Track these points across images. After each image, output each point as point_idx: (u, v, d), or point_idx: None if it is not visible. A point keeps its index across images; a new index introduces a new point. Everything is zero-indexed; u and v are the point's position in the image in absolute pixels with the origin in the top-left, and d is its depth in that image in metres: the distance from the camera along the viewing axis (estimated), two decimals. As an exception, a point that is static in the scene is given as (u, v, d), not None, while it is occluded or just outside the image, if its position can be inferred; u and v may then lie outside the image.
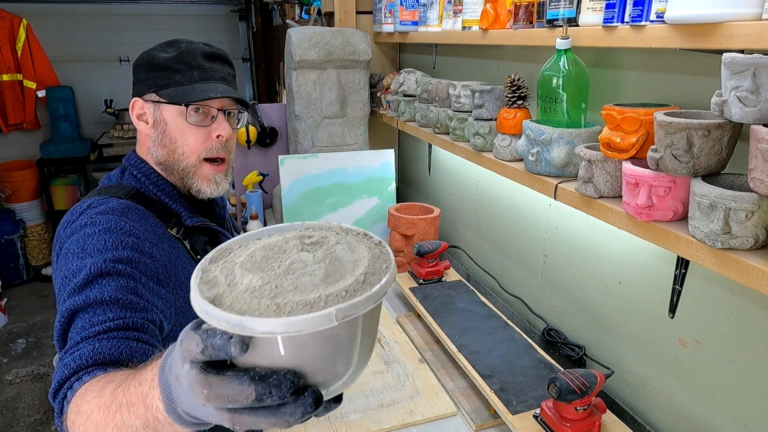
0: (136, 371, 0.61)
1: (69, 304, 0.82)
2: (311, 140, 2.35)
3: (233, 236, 0.98)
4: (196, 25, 5.17)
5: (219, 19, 5.26)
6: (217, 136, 1.01)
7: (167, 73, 0.98)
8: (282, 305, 0.42)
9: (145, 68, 1.00)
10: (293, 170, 2.15)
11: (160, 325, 0.87)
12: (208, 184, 1.03)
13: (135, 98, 1.02)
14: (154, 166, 1.03)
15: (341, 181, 2.20)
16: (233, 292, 0.45)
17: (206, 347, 0.44)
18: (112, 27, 4.86)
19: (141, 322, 0.81)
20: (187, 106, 0.97)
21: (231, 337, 0.43)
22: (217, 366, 0.45)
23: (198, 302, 0.44)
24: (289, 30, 2.27)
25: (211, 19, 5.23)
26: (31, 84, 4.55)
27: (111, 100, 4.69)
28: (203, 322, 0.45)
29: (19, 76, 4.52)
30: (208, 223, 1.04)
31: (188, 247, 0.98)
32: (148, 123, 1.02)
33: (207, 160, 1.02)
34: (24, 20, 4.43)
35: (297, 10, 3.21)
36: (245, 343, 0.43)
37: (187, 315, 0.95)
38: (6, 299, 3.96)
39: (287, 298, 0.43)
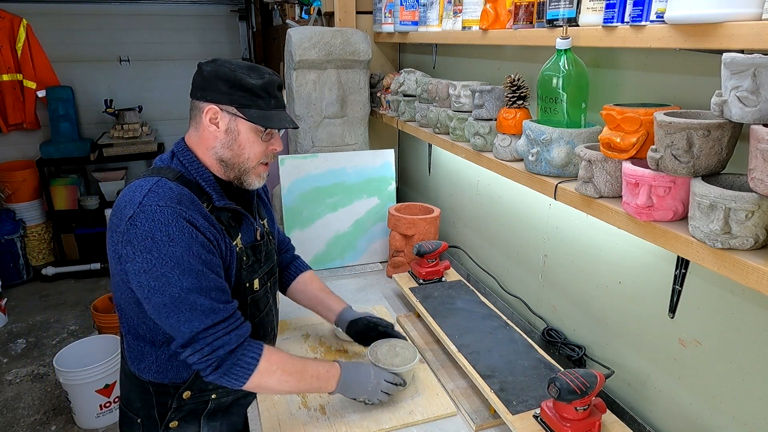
0: (317, 362, 1.30)
1: (187, 284, 1.10)
2: (311, 140, 2.35)
3: (255, 217, 1.36)
4: (196, 25, 5.16)
5: (219, 19, 5.26)
6: (272, 149, 1.27)
7: (251, 97, 1.19)
8: (404, 363, 1.40)
9: (227, 84, 1.18)
10: (293, 170, 2.15)
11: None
12: (258, 179, 1.29)
13: (211, 104, 1.20)
14: (209, 159, 1.24)
15: (341, 181, 2.20)
16: (389, 362, 1.40)
17: (396, 378, 1.36)
18: (112, 27, 4.85)
19: (236, 302, 1.20)
20: (266, 128, 1.21)
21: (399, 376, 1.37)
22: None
23: (385, 371, 1.37)
24: (289, 30, 2.27)
25: (211, 19, 5.23)
26: (31, 84, 4.54)
27: (111, 100, 4.68)
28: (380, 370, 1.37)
29: (19, 76, 4.52)
30: (234, 205, 1.26)
31: (215, 218, 1.21)
32: (219, 128, 1.21)
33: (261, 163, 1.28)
34: (24, 20, 4.43)
35: (297, 10, 3.21)
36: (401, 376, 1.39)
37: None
38: (6, 299, 3.96)
39: (404, 361, 1.41)
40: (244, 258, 1.27)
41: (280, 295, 1.83)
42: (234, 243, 1.24)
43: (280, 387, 1.21)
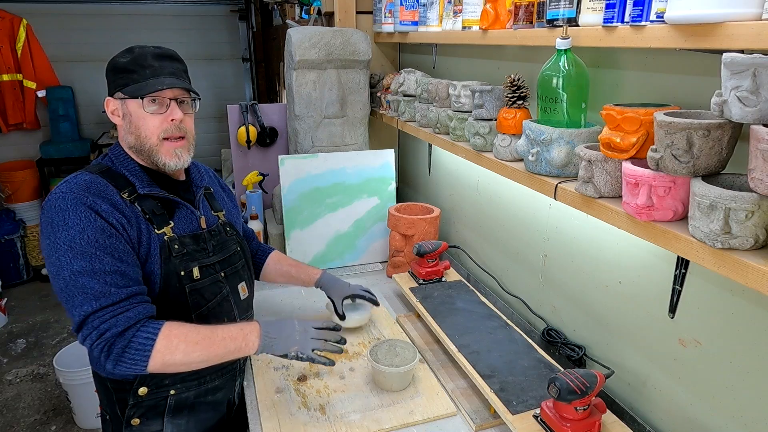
0: (231, 324, 1.25)
1: (78, 266, 1.10)
2: (311, 140, 2.35)
3: (198, 207, 1.35)
4: (196, 25, 5.17)
5: (219, 19, 5.26)
6: (171, 120, 1.24)
7: (126, 74, 1.22)
8: (404, 363, 1.40)
9: (111, 72, 1.24)
10: (293, 170, 2.15)
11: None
12: (171, 158, 1.26)
13: (107, 98, 1.27)
14: (127, 150, 1.28)
15: (341, 181, 2.20)
16: (389, 361, 1.42)
17: (325, 322, 1.35)
18: (112, 27, 4.86)
19: (141, 287, 1.17)
20: (142, 98, 1.20)
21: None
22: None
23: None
24: (289, 30, 2.27)
25: (211, 19, 5.23)
26: (31, 84, 4.55)
27: (111, 100, 4.69)
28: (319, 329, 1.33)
29: (19, 76, 4.52)
30: (163, 194, 1.26)
31: (139, 209, 1.22)
32: (119, 116, 1.26)
33: (166, 139, 1.25)
34: (24, 20, 4.43)
35: (297, 10, 3.21)
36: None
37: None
38: (6, 299, 3.96)
39: (404, 361, 1.42)
40: (176, 246, 1.25)
41: (278, 295, 1.82)
42: (161, 231, 1.23)
43: (190, 360, 1.15)
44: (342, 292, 1.63)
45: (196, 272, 1.28)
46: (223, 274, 1.35)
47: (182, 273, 1.26)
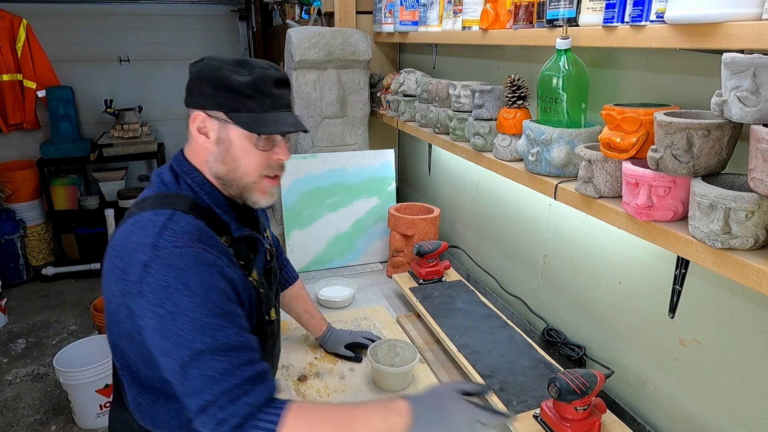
0: (369, 407, 1.01)
1: (200, 344, 0.91)
2: (311, 140, 2.35)
3: (264, 238, 1.17)
4: (196, 25, 5.16)
5: (219, 19, 5.26)
6: (277, 159, 1.06)
7: (239, 98, 1.00)
8: (404, 363, 1.42)
9: (212, 84, 1.02)
10: (293, 170, 2.15)
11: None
12: (264, 196, 1.08)
13: (198, 111, 1.03)
14: (210, 178, 1.06)
15: (341, 181, 2.20)
16: (389, 362, 1.44)
17: (496, 417, 1.03)
18: (112, 27, 4.85)
19: (263, 362, 0.98)
20: (259, 134, 1.01)
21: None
22: None
23: (380, 366, 1.40)
24: (289, 30, 2.27)
25: (211, 19, 5.23)
26: (31, 84, 4.54)
27: (111, 100, 4.68)
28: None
29: (19, 76, 4.52)
30: (251, 233, 1.09)
31: (233, 253, 1.04)
32: (209, 138, 1.04)
33: (265, 177, 1.07)
34: (24, 20, 4.43)
35: (297, 10, 3.21)
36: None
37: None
38: (6, 299, 3.95)
39: (404, 361, 1.43)
40: (261, 290, 1.09)
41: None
42: (251, 277, 1.07)
43: None
44: (342, 341, 1.55)
45: (272, 313, 1.13)
46: (277, 304, 1.22)
47: (266, 318, 1.10)
